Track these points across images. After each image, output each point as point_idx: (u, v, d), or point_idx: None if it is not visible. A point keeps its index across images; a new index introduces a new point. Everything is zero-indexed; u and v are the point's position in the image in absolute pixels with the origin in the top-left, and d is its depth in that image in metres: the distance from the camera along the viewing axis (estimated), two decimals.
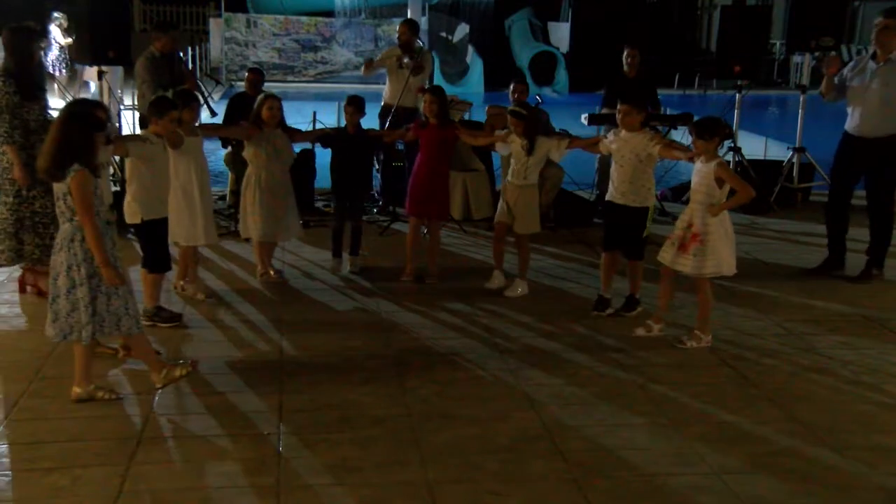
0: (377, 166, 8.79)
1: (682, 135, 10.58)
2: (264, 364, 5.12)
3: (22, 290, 6.15)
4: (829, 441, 4.29)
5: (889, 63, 6.62)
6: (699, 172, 5.38)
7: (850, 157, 6.91)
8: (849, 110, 6.92)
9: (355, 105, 6.71)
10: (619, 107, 5.88)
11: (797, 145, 9.67)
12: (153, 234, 5.49)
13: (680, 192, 9.65)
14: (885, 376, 5.13)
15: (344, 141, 6.77)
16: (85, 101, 5.28)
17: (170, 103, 5.52)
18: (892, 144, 6.65)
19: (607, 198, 6.06)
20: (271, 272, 6.65)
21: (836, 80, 6.97)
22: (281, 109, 6.51)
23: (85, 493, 3.70)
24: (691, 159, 5.54)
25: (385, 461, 4.00)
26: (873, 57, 6.73)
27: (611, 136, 6.00)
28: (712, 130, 5.33)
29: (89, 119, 4.31)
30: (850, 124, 6.88)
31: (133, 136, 5.74)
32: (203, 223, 5.98)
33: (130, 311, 4.44)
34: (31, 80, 5.85)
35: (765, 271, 7.23)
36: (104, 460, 3.94)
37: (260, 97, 6.57)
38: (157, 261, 5.55)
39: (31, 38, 5.89)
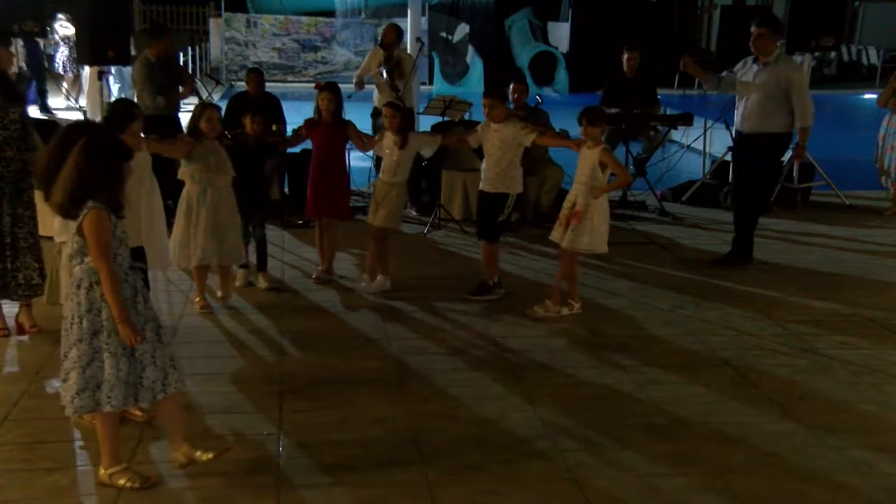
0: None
1: (682, 134, 10.63)
2: (264, 364, 5.12)
3: None
4: (829, 441, 4.29)
5: (767, 66, 6.92)
6: (584, 157, 5.81)
7: (739, 151, 7.35)
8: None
9: (263, 115, 6.47)
10: (483, 101, 6.16)
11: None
12: None
13: (680, 193, 9.65)
14: (885, 376, 5.13)
15: (242, 150, 6.23)
16: (85, 124, 4.59)
17: (129, 115, 4.88)
18: (768, 142, 6.96)
19: (480, 187, 6.30)
20: (204, 301, 6.00)
21: (724, 73, 7.37)
22: (221, 121, 5.95)
23: (85, 493, 3.70)
24: (578, 146, 5.89)
25: (385, 461, 4.00)
26: (755, 60, 7.02)
27: (479, 128, 6.26)
28: (600, 117, 5.88)
29: (115, 147, 3.71)
30: (736, 121, 7.28)
31: None
32: (154, 251, 5.30)
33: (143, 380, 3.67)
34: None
35: (765, 271, 7.22)
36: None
37: (197, 107, 5.99)
38: None
39: (2, 44, 5.45)
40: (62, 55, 14.65)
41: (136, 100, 8.08)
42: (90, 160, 3.56)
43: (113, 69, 9.92)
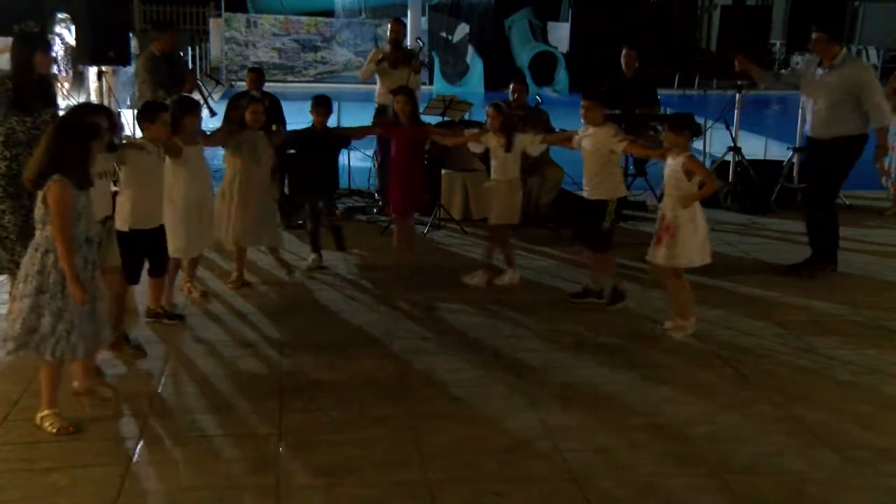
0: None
1: None
2: (264, 364, 5.12)
3: None
4: (829, 441, 4.29)
5: (833, 69, 6.77)
6: (669, 167, 5.55)
7: (811, 157, 7.20)
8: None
9: (326, 106, 6.74)
10: (581, 102, 6.05)
11: (797, 145, 9.67)
12: (141, 242, 5.17)
13: None
14: (885, 376, 5.13)
15: (312, 140, 6.78)
16: (84, 107, 4.92)
17: (160, 106, 5.29)
18: (839, 145, 6.78)
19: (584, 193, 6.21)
20: (235, 279, 6.46)
21: (784, 72, 7.39)
22: (265, 115, 6.33)
23: (85, 493, 3.70)
24: (662, 156, 5.70)
25: (385, 461, 4.00)
26: (820, 63, 6.90)
27: (581, 131, 6.15)
28: (684, 125, 5.60)
29: (83, 128, 4.10)
30: (807, 127, 7.12)
31: (131, 144, 5.33)
32: (197, 238, 5.79)
33: (72, 337, 4.06)
34: (29, 91, 5.48)
35: (765, 271, 7.22)
36: (104, 460, 3.95)
37: (245, 100, 6.47)
38: (132, 272, 5.23)
39: (32, 48, 5.52)
40: (59, 55, 14.64)
41: (136, 93, 8.11)
42: (57, 139, 3.96)
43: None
